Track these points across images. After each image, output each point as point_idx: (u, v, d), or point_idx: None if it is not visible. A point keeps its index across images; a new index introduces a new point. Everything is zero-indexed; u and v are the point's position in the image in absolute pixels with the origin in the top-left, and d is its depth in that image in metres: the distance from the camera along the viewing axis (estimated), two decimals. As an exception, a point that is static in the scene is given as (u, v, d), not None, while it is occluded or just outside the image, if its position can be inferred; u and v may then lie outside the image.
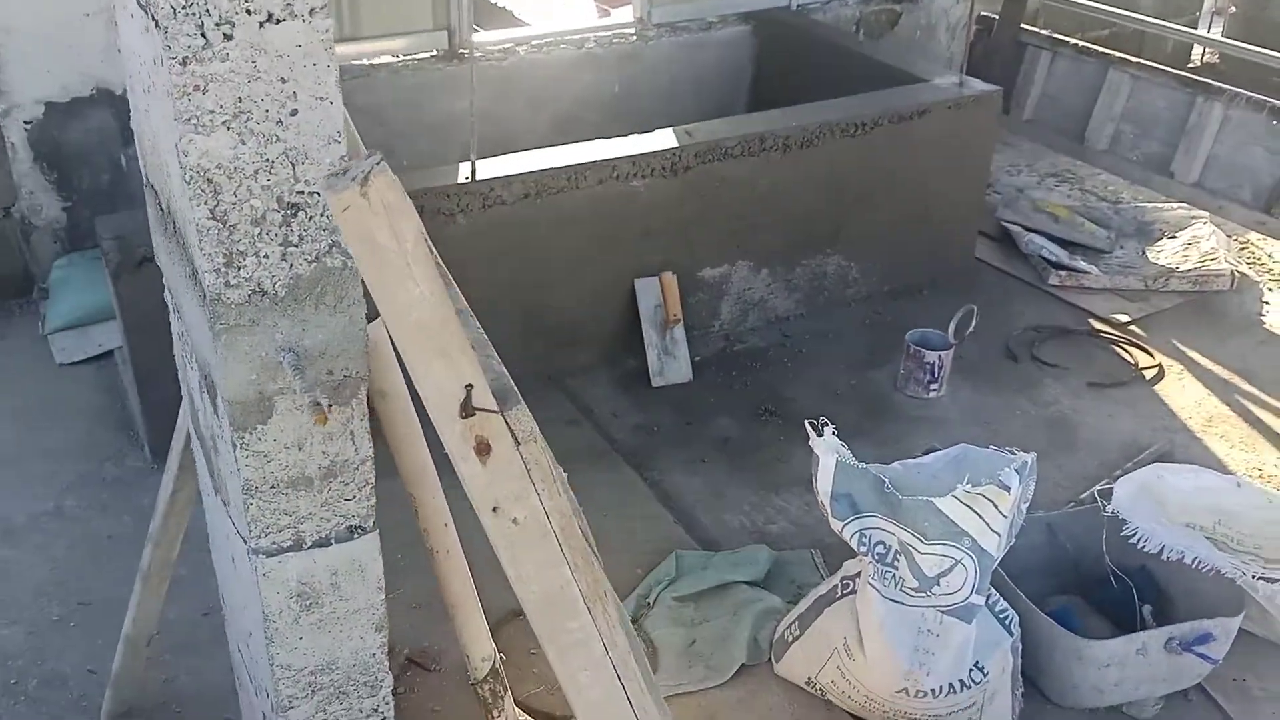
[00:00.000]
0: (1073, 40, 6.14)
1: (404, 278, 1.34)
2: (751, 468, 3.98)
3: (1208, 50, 7.57)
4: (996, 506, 2.55)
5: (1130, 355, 4.78)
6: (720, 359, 4.66)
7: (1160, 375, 4.66)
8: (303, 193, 1.54)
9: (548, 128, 5.59)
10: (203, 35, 1.35)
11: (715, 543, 3.60)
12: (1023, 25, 6.33)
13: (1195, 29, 8.69)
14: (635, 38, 5.76)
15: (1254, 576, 2.88)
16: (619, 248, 4.32)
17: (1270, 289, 5.34)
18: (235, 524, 1.85)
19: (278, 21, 1.37)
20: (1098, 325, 5.02)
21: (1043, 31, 6.31)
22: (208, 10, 1.33)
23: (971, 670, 2.68)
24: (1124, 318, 5.08)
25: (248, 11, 1.36)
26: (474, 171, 3.92)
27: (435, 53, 5.27)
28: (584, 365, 4.47)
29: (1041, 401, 4.47)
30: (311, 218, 1.58)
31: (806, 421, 2.96)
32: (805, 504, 3.80)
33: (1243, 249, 5.69)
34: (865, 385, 4.54)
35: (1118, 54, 5.82)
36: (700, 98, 6.03)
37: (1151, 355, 4.78)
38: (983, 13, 6.68)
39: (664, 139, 4.31)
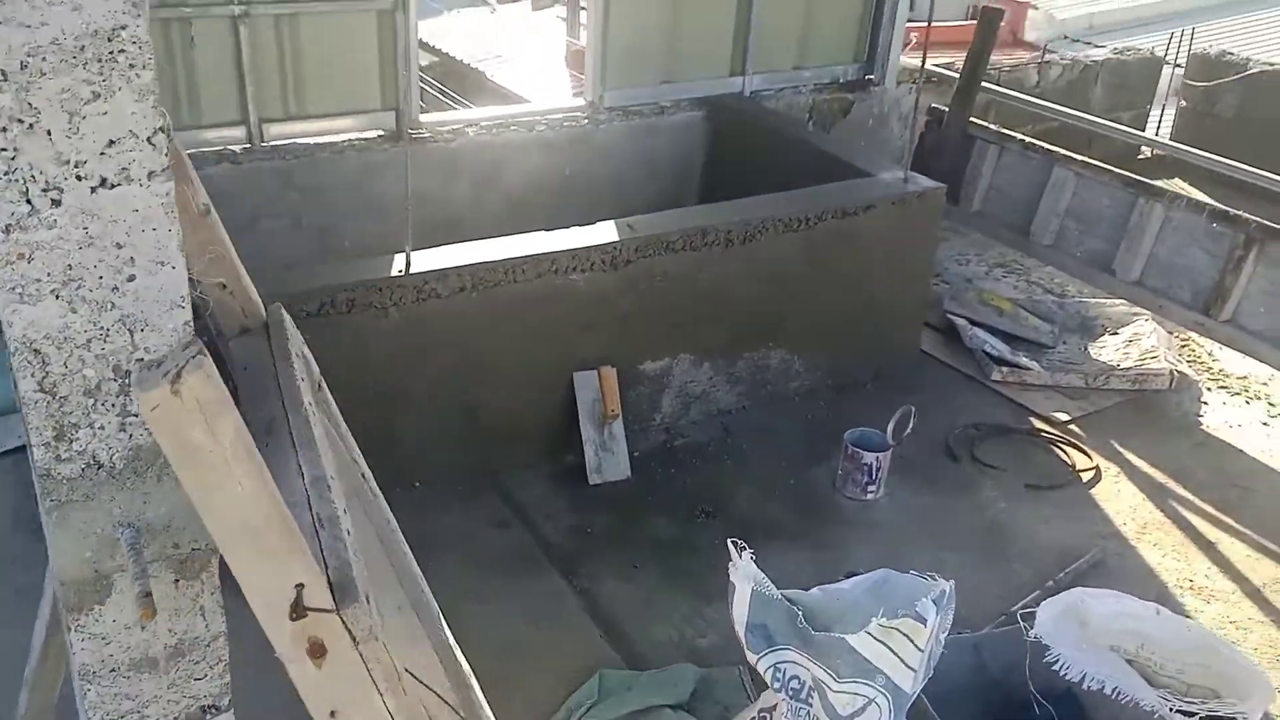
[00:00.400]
0: (1019, 135, 6.22)
1: (223, 478, 1.25)
2: (685, 574, 3.91)
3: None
4: (912, 641, 2.49)
5: (1068, 456, 4.78)
6: (660, 454, 4.61)
7: (1097, 478, 4.66)
8: (142, 360, 1.46)
9: (497, 210, 5.58)
10: (28, 202, 1.27)
11: (642, 658, 3.52)
12: (972, 119, 6.41)
13: (1145, 121, 8.91)
14: (587, 121, 5.77)
15: (1171, 710, 2.83)
16: (557, 341, 4.28)
17: (1208, 389, 5.38)
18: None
19: (112, 186, 1.30)
20: (1038, 424, 5.03)
21: (991, 126, 6.40)
22: (33, 176, 1.26)
23: (890, 809, 2.60)
24: (1064, 416, 5.09)
25: (78, 177, 1.28)
26: (409, 264, 3.87)
27: (382, 133, 5.24)
28: (521, 461, 4.39)
29: (979, 504, 4.45)
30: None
31: (729, 541, 2.90)
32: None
33: (1184, 345, 5.75)
34: (805, 484, 4.50)
35: (1063, 151, 5.90)
36: (652, 182, 6.05)
37: (1089, 456, 4.78)
38: (933, 104, 6.77)
39: (604, 232, 4.29)
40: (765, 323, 4.84)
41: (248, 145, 4.91)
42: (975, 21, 8.34)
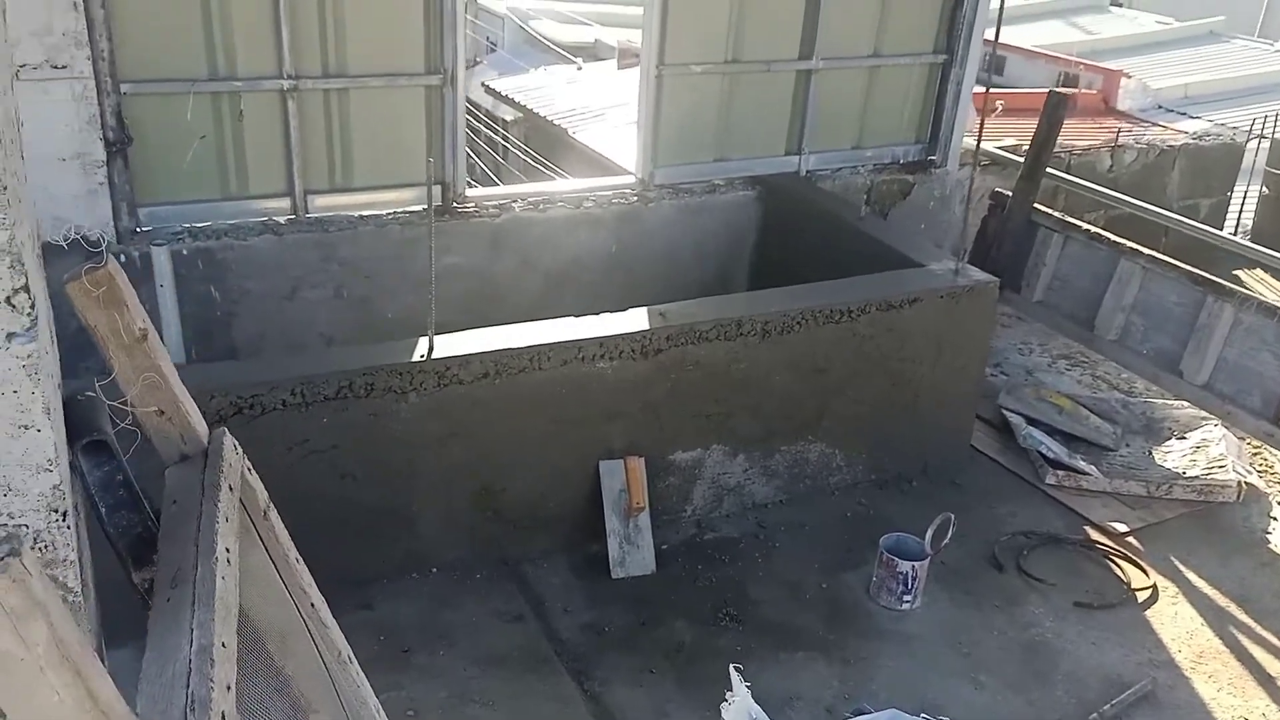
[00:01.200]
0: (1084, 225, 5.99)
1: (35, 687, 1.11)
2: (701, 682, 3.72)
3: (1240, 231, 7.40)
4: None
5: (1123, 572, 4.49)
6: (688, 549, 4.44)
7: (1154, 597, 4.37)
8: (5, 525, 1.38)
9: (539, 286, 5.52)
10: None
11: (645, 776, 3.34)
12: (1037, 205, 6.20)
13: (1226, 208, 8.57)
14: (636, 199, 5.70)
15: None
16: (583, 429, 4.16)
17: (1279, 503, 5.04)
18: None
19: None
20: (1093, 535, 4.75)
21: (1055, 213, 6.18)
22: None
23: None
24: (1122, 527, 4.80)
25: (-70, 343, 1.22)
26: (431, 349, 3.80)
27: (425, 207, 5.22)
28: (542, 550, 4.26)
29: (1023, 622, 4.18)
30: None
31: (732, 667, 2.73)
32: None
33: (1255, 454, 5.42)
34: (837, 589, 4.28)
35: (1129, 243, 5.66)
36: (701, 261, 5.95)
37: (1146, 573, 4.48)
38: (997, 189, 6.58)
39: (634, 320, 4.18)
40: (804, 415, 4.67)
41: (292, 216, 4.93)
42: (1066, 89, 8.16)
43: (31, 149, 4.12)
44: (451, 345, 3.85)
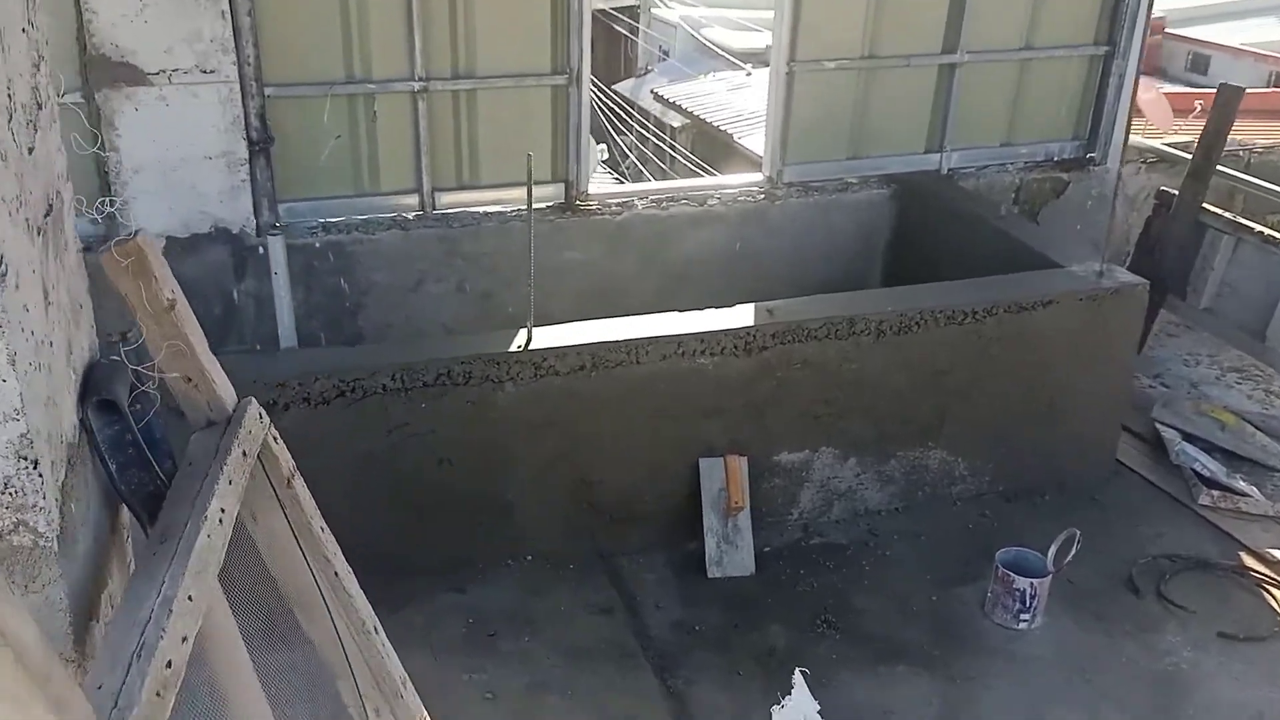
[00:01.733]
0: (1258, 227, 5.48)
1: None
2: (789, 689, 3.58)
3: None
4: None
5: (1278, 603, 4.06)
6: (792, 552, 4.30)
7: (1315, 634, 3.93)
8: None
9: (661, 284, 5.49)
10: None
11: (718, 779, 3.24)
12: (1205, 205, 5.72)
13: None
14: (763, 196, 5.60)
15: None
16: (683, 425, 4.10)
17: None
18: None
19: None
20: (1248, 561, 4.31)
21: (1225, 214, 5.68)
22: None
23: None
24: (1283, 555, 4.35)
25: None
26: (529, 340, 3.83)
27: (550, 204, 5.30)
28: (639, 545, 4.22)
29: (1157, 650, 3.83)
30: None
31: (798, 670, 2.61)
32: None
33: None
34: (949, 603, 4.05)
35: (1310, 246, 5.15)
36: (829, 262, 5.78)
37: (1308, 607, 4.04)
38: (1163, 188, 6.12)
39: (738, 316, 4.09)
40: (923, 419, 4.45)
41: (420, 212, 5.09)
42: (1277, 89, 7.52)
43: (181, 149, 4.45)
44: (549, 337, 3.87)
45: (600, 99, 12.48)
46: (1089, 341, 4.52)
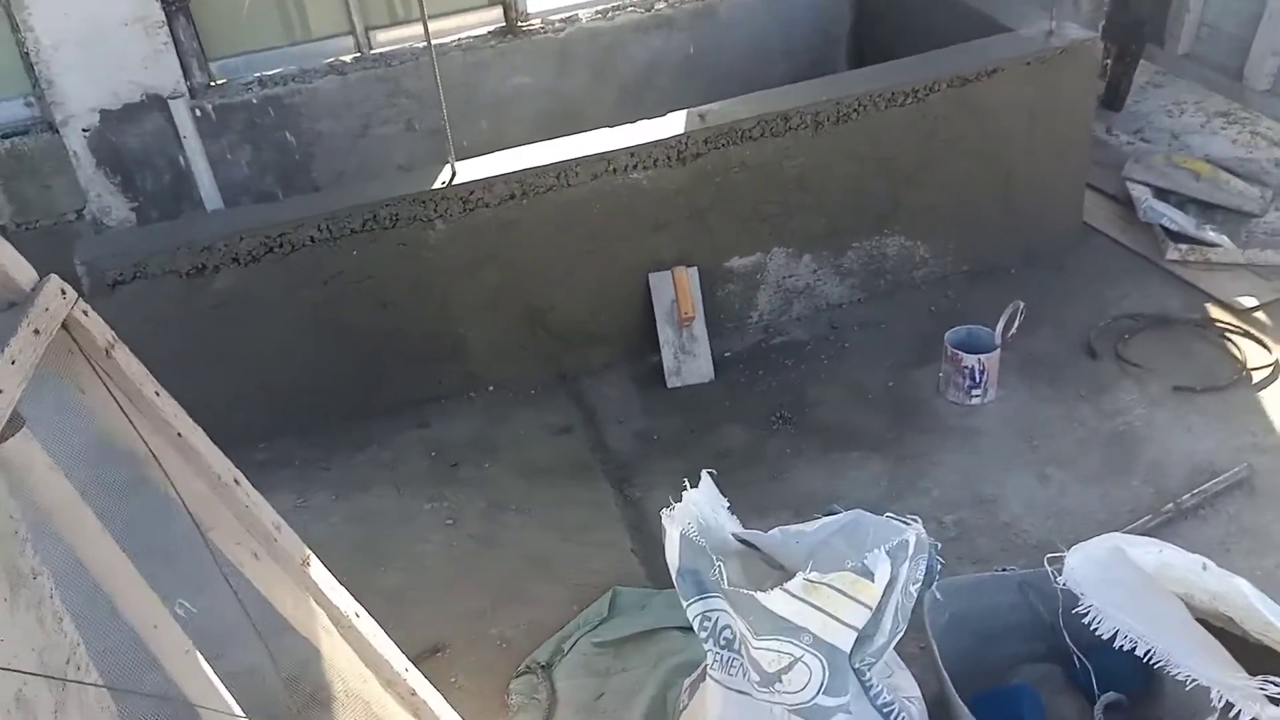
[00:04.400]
0: (1233, -43, 5.15)
1: None
2: (743, 485, 3.71)
3: None
4: (853, 597, 2.22)
5: (1240, 351, 4.05)
6: (752, 355, 4.36)
7: (1274, 376, 3.92)
8: None
9: (615, 99, 5.38)
10: None
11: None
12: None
13: None
14: (712, -7, 5.37)
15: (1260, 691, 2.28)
16: (627, 243, 4.10)
17: None
18: None
19: None
20: (1214, 312, 4.28)
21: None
22: None
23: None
24: (1250, 301, 4.30)
25: None
26: (453, 175, 3.81)
27: (490, 28, 5.15)
28: (601, 364, 4.31)
29: (1109, 410, 3.88)
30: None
31: (705, 473, 2.70)
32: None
33: None
34: (905, 387, 4.11)
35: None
36: (789, 56, 5.59)
37: (1269, 349, 4.02)
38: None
39: (667, 125, 4.01)
40: (875, 208, 4.39)
41: (357, 54, 4.99)
42: None
43: (94, 19, 4.37)
44: (473, 169, 3.84)
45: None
46: (1042, 107, 4.37)
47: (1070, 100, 4.42)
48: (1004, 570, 2.94)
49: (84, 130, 4.55)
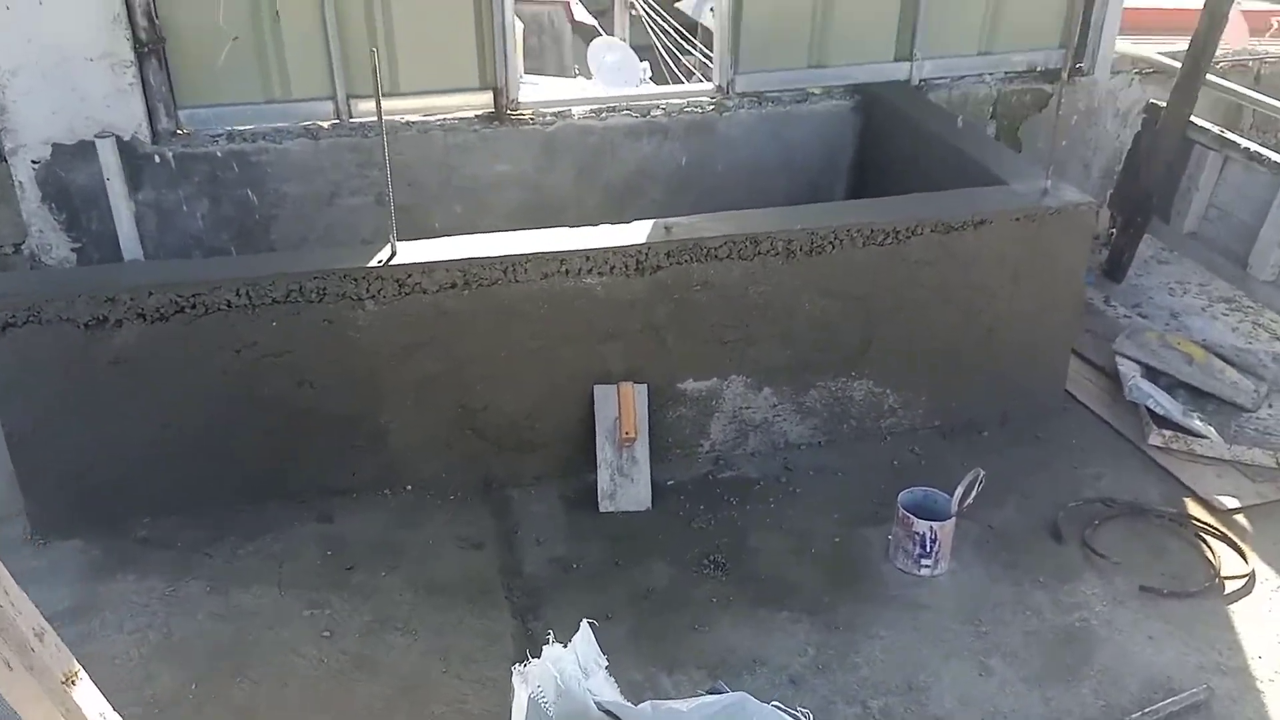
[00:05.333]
0: (1243, 142, 4.99)
1: None
2: (658, 634, 3.37)
3: None
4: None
5: (1214, 555, 3.73)
6: (697, 487, 4.05)
7: (1248, 589, 3.60)
8: None
9: (599, 200, 5.20)
10: None
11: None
12: (1193, 119, 5.23)
13: None
14: (712, 108, 5.23)
15: None
16: (574, 349, 3.84)
17: None
18: None
19: None
20: (1193, 509, 3.98)
21: (1213, 128, 5.18)
22: None
23: None
24: (1232, 502, 4.00)
25: None
26: (393, 254, 3.57)
27: (478, 113, 4.99)
28: (531, 476, 4.00)
29: (1067, 603, 3.54)
30: None
31: (585, 622, 2.38)
32: (697, 692, 3.15)
33: None
34: (852, 545, 3.79)
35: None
36: (786, 177, 5.41)
37: (1245, 559, 3.71)
38: (1152, 100, 5.63)
39: (630, 233, 3.79)
40: (844, 348, 4.14)
41: (336, 121, 4.82)
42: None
43: (58, 49, 4.21)
44: (414, 252, 3.61)
45: (659, 18, 11.95)
46: (1029, 266, 4.15)
47: (1061, 264, 4.21)
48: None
49: (34, 162, 4.35)
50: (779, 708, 2.11)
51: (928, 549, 3.59)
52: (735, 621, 3.42)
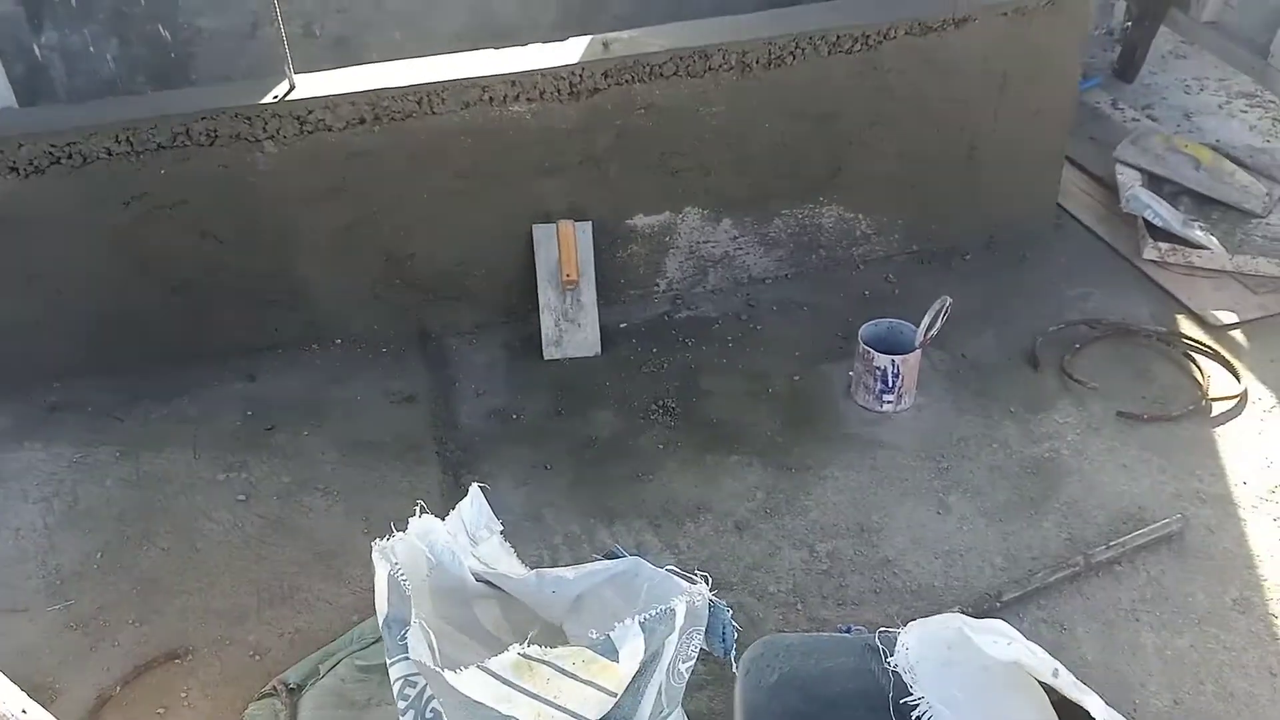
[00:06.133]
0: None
1: None
2: (599, 483, 3.19)
3: None
4: (587, 680, 1.70)
5: (1203, 375, 3.45)
6: (651, 329, 3.80)
7: (1238, 409, 3.33)
8: None
9: (553, 21, 4.74)
10: None
11: (479, 587, 2.89)
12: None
13: None
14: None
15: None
16: (506, 187, 3.53)
17: None
18: None
19: None
20: (1185, 326, 3.67)
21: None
22: None
23: None
24: (1229, 317, 3.69)
25: None
26: (290, 88, 3.24)
27: (408, -73, 4.52)
28: (472, 323, 3.77)
29: (1038, 433, 3.30)
30: None
31: (475, 485, 2.17)
32: (635, 544, 2.99)
33: None
34: (811, 383, 3.55)
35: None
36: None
37: (1238, 378, 3.42)
38: None
39: (560, 52, 3.41)
40: (810, 173, 3.79)
41: (253, -58, 4.38)
42: None
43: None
44: (315, 84, 3.26)
45: None
46: (1019, 69, 3.73)
47: (1053, 66, 3.78)
48: (845, 631, 2.41)
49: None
50: (673, 571, 1.91)
51: (890, 384, 3.34)
52: (682, 468, 3.23)
